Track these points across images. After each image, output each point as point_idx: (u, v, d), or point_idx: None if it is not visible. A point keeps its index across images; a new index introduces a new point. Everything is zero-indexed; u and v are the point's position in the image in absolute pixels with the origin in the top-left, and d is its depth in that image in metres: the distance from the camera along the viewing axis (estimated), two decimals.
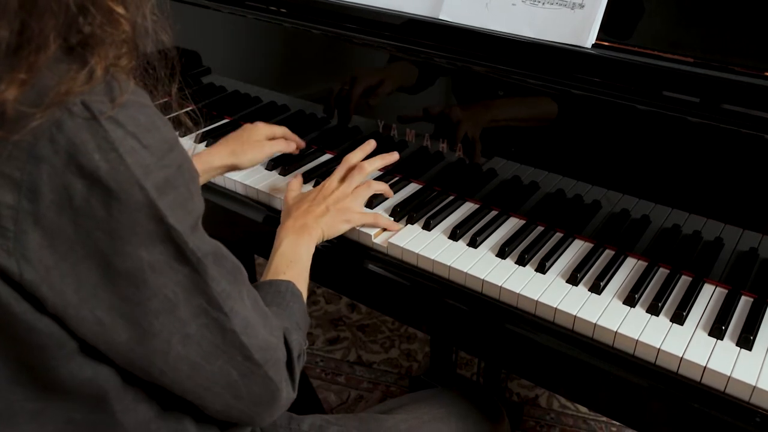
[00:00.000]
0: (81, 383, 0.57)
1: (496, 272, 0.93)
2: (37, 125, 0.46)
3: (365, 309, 2.02)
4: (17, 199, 0.47)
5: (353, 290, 1.15)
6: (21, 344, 0.53)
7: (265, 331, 0.65)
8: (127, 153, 0.49)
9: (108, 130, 0.48)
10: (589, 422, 1.65)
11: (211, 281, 0.57)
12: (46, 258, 0.49)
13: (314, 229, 0.95)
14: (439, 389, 1.06)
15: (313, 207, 0.98)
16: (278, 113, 1.29)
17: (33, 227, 0.48)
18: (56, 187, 0.48)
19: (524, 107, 0.99)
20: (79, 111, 0.47)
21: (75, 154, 0.47)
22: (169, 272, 0.54)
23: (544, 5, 0.95)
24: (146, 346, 0.56)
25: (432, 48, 1.04)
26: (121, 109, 0.49)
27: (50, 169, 0.47)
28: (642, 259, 0.96)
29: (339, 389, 1.75)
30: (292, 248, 0.91)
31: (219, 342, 0.60)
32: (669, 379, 0.80)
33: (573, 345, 0.86)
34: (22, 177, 0.47)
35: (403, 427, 0.92)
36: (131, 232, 0.51)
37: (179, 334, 0.57)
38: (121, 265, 0.52)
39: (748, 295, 0.89)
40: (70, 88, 0.47)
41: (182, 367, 0.59)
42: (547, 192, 1.02)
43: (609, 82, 0.90)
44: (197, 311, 0.58)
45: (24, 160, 0.47)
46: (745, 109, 0.81)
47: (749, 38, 0.87)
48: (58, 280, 0.50)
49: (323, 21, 1.13)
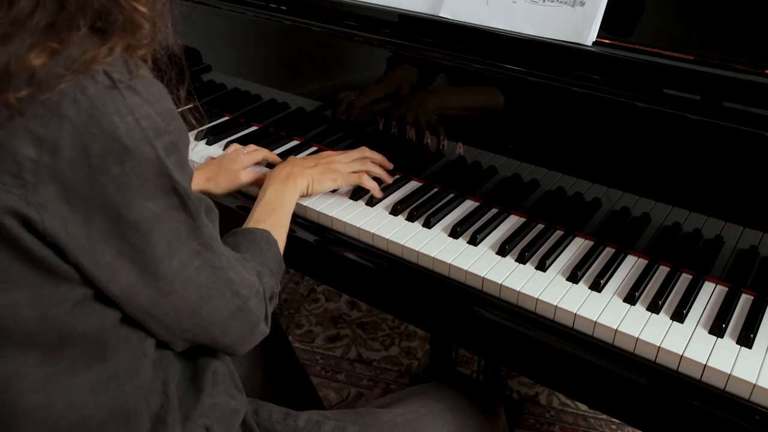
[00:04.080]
0: (87, 330, 0.61)
1: (496, 270, 0.93)
2: (64, 87, 0.51)
3: (365, 307, 2.03)
4: (39, 153, 0.52)
5: (352, 288, 1.15)
6: (41, 288, 0.57)
7: (243, 269, 0.72)
8: (142, 117, 0.55)
9: (126, 96, 0.54)
10: (589, 420, 1.65)
11: (202, 226, 0.65)
12: (61, 208, 0.54)
13: (300, 177, 1.02)
14: (436, 384, 1.06)
15: (304, 161, 1.07)
16: (278, 111, 1.29)
17: (51, 180, 0.53)
18: (76, 145, 0.52)
19: (524, 106, 0.99)
20: (101, 78, 0.53)
21: (96, 115, 0.53)
22: (171, 221, 0.61)
23: (544, 3, 0.95)
24: (152, 288, 0.62)
25: (432, 45, 1.03)
26: (137, 80, 0.56)
27: (72, 128, 0.52)
28: (642, 257, 0.96)
29: (339, 387, 1.75)
30: (276, 195, 0.97)
31: (212, 281, 0.67)
32: (669, 376, 0.80)
33: (573, 343, 0.86)
34: (45, 133, 0.51)
35: (400, 420, 0.92)
36: (141, 186, 0.57)
37: (181, 277, 0.64)
38: (129, 216, 0.57)
39: (749, 293, 0.89)
40: (94, 57, 0.53)
41: (183, 307, 0.66)
42: (547, 190, 1.02)
43: (609, 79, 0.89)
44: (193, 254, 0.64)
45: (48, 118, 0.51)
46: (745, 106, 0.81)
47: (750, 36, 0.86)
48: (73, 229, 0.55)
49: (323, 18, 1.13)
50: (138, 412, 0.67)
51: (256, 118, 1.34)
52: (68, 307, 0.59)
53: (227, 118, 1.37)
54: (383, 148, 1.16)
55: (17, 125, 0.51)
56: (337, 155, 1.10)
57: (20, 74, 0.50)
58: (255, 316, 0.73)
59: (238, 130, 1.32)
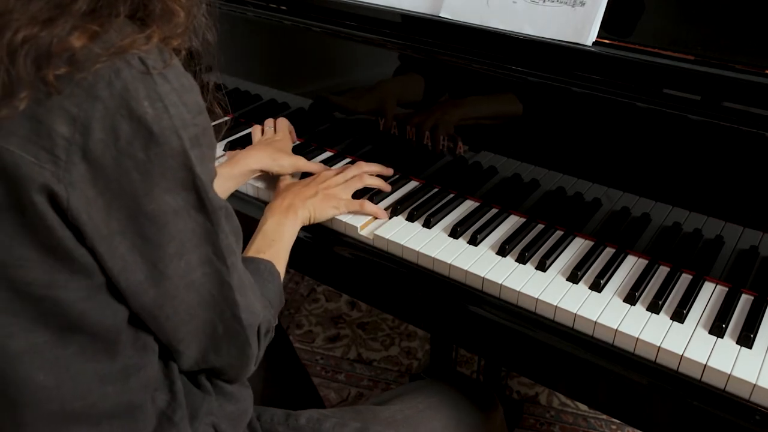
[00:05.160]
0: (99, 324, 0.61)
1: (496, 270, 0.93)
2: (100, 68, 0.52)
3: (365, 307, 2.03)
4: (72, 131, 0.52)
5: (354, 288, 1.15)
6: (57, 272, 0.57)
7: (252, 295, 0.70)
8: (171, 105, 0.56)
9: (158, 83, 0.55)
10: (589, 420, 1.65)
11: (220, 233, 0.63)
12: (88, 190, 0.54)
13: (301, 209, 0.99)
14: (434, 380, 1.07)
15: (304, 190, 1.03)
16: (278, 111, 1.29)
17: (81, 160, 0.53)
18: (106, 126, 0.53)
19: (524, 105, 0.99)
20: (136, 64, 0.54)
21: (128, 98, 0.53)
22: (188, 219, 0.60)
23: (544, 3, 0.95)
24: (159, 287, 0.61)
25: (432, 45, 1.03)
26: (170, 69, 0.56)
27: (104, 109, 0.53)
28: (642, 257, 0.96)
29: (339, 387, 1.75)
30: (275, 228, 0.95)
31: (215, 293, 0.65)
32: (669, 377, 0.80)
33: (573, 343, 0.86)
34: (78, 113, 0.52)
35: (399, 417, 0.93)
36: (163, 176, 0.57)
37: (186, 280, 0.62)
38: (147, 206, 0.57)
39: (749, 293, 0.89)
40: (131, 43, 0.54)
41: (182, 312, 0.64)
42: (547, 190, 1.02)
43: (609, 79, 0.89)
44: (204, 259, 0.63)
45: (83, 98, 0.52)
46: (745, 106, 0.81)
47: (750, 36, 0.86)
48: (95, 213, 0.55)
49: (323, 18, 1.13)
50: (143, 408, 0.67)
51: (256, 118, 1.34)
52: (83, 295, 0.59)
53: (227, 119, 1.37)
54: (383, 148, 1.16)
55: (54, 103, 0.52)
56: (334, 176, 1.07)
57: (61, 54, 0.51)
58: (250, 348, 0.71)
59: (238, 130, 1.32)
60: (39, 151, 0.52)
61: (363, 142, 1.19)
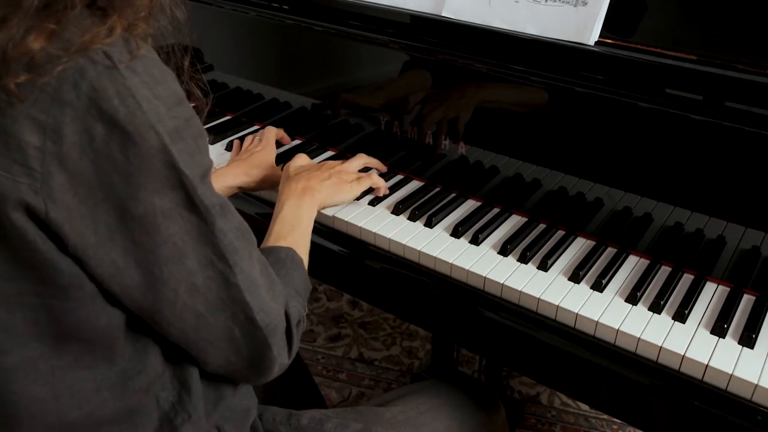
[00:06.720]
0: (95, 329, 0.59)
1: (498, 270, 0.93)
2: (62, 70, 0.49)
3: (367, 306, 2.03)
4: (42, 140, 0.50)
5: (354, 288, 1.15)
6: (45, 284, 0.56)
7: (267, 295, 0.66)
8: (143, 100, 0.52)
9: (126, 77, 0.52)
10: (590, 420, 1.65)
11: (218, 232, 0.60)
12: (69, 199, 0.52)
13: (317, 191, 0.97)
14: (436, 381, 1.06)
15: (317, 173, 1.01)
16: (280, 110, 1.29)
17: (58, 169, 0.51)
18: (78, 130, 0.50)
19: (525, 105, 0.99)
20: (100, 59, 0.51)
21: (96, 98, 0.50)
22: (179, 220, 0.57)
23: (546, 2, 0.95)
24: (156, 293, 0.59)
25: (435, 45, 1.03)
26: (137, 61, 0.53)
27: (73, 113, 0.50)
28: (644, 257, 0.96)
29: (340, 386, 1.75)
30: (294, 212, 0.92)
31: (223, 296, 0.62)
32: (671, 377, 0.80)
33: (575, 343, 0.86)
34: (47, 119, 0.50)
35: (401, 418, 0.92)
36: (146, 177, 0.54)
37: (186, 283, 0.60)
38: (135, 210, 0.54)
39: (751, 293, 0.89)
40: (92, 38, 0.51)
41: (188, 317, 0.61)
42: (549, 189, 1.02)
43: (612, 79, 0.89)
44: (205, 262, 0.60)
45: (49, 104, 0.50)
46: (748, 106, 0.81)
47: (752, 36, 0.86)
48: (78, 222, 0.53)
49: (325, 18, 1.13)
50: (145, 410, 0.66)
51: (258, 117, 1.34)
52: (74, 305, 0.57)
53: (229, 118, 1.37)
54: (385, 147, 1.16)
55: (19, 112, 0.49)
56: (344, 163, 1.07)
57: (19, 59, 0.48)
58: (270, 350, 0.67)
59: (240, 129, 1.32)
60: (11, 164, 0.50)
61: (364, 142, 1.19)
